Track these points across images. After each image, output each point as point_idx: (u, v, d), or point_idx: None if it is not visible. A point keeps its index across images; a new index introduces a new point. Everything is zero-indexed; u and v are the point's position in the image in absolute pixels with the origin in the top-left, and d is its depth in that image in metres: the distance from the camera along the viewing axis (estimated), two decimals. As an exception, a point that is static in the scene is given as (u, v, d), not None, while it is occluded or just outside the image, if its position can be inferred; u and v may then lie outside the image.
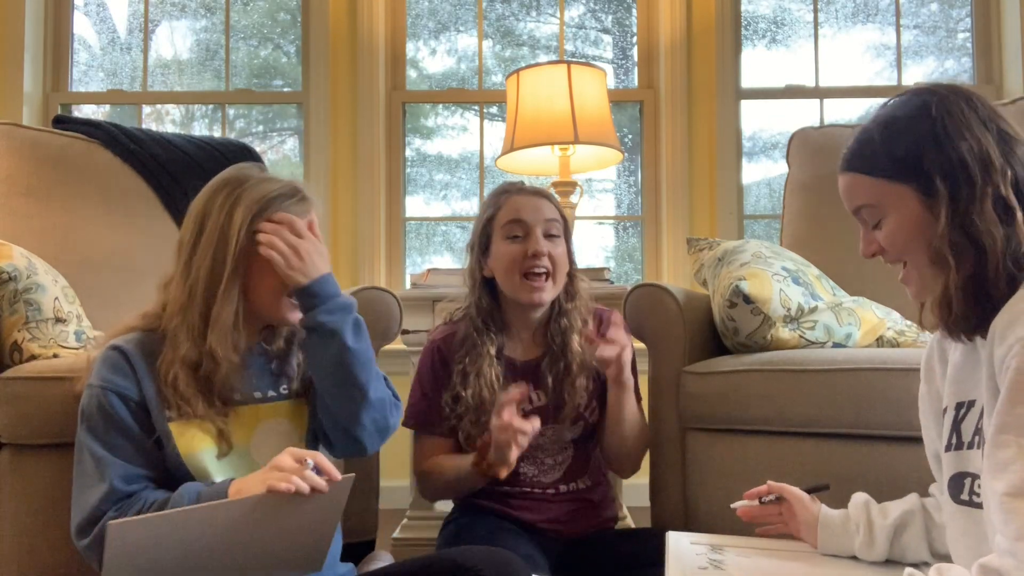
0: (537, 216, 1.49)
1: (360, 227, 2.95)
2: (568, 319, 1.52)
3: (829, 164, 2.29)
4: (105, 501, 1.10)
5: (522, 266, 1.47)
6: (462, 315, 1.56)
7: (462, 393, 1.47)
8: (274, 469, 1.04)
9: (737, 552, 1.16)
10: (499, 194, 1.54)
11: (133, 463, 1.13)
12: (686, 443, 1.65)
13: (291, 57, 3.18)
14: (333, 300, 1.18)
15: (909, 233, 0.97)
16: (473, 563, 1.13)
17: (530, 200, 1.51)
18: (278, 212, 1.18)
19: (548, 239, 1.49)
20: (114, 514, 1.09)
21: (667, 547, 1.15)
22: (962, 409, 0.98)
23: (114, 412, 1.13)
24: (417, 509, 2.02)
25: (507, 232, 1.49)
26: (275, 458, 1.06)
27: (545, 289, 1.48)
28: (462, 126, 3.23)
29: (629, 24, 3.19)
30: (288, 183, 1.23)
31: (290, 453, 1.06)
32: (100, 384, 1.14)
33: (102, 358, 1.17)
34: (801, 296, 1.64)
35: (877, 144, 0.99)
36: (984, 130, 0.95)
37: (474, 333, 1.50)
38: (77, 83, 3.11)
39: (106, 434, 1.13)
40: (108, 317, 1.29)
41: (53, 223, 1.93)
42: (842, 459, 1.45)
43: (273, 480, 1.01)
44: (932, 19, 3.15)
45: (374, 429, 1.23)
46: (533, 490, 1.51)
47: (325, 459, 1.06)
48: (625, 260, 3.17)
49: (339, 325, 1.17)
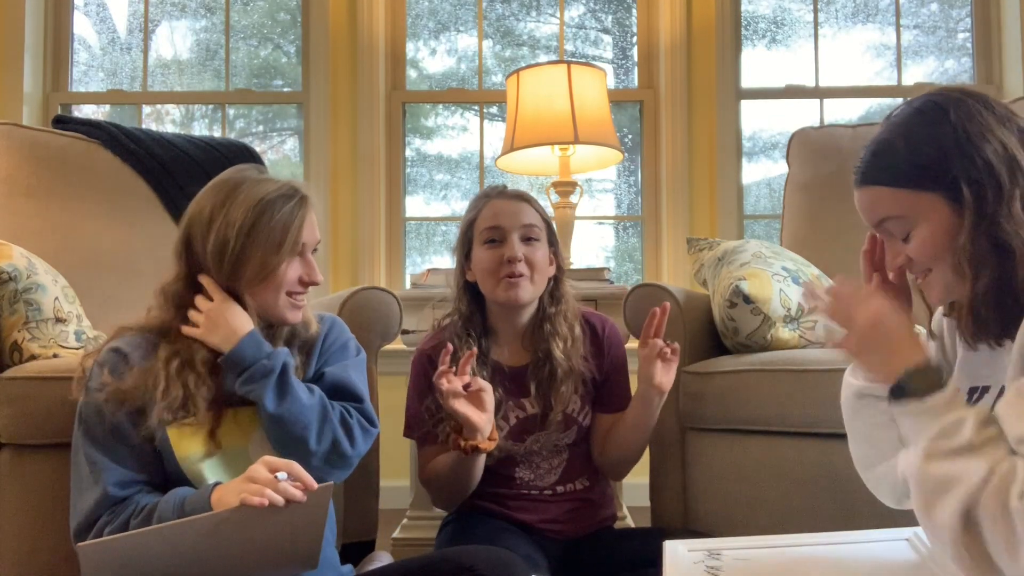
0: (514, 221, 1.48)
1: (360, 227, 2.95)
2: (552, 324, 1.51)
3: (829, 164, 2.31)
4: (99, 506, 1.11)
5: (499, 271, 1.46)
6: (448, 322, 1.55)
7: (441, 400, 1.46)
8: (247, 481, 1.03)
9: (735, 556, 1.15)
10: (479, 198, 1.54)
11: (128, 468, 1.13)
12: (686, 443, 1.65)
13: (291, 57, 3.18)
14: (251, 368, 1.14)
15: (940, 242, 0.94)
16: (473, 563, 1.13)
17: (509, 205, 1.50)
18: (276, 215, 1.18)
19: (526, 243, 1.48)
20: (107, 518, 1.10)
21: (664, 557, 1.15)
22: (975, 393, 0.97)
23: (111, 416, 1.13)
24: (417, 509, 2.02)
25: (485, 237, 1.49)
26: (249, 468, 1.05)
27: (522, 287, 1.46)
28: (462, 126, 3.23)
29: (629, 24, 3.19)
30: (285, 183, 1.22)
31: (264, 463, 1.04)
32: (98, 388, 1.14)
33: (100, 361, 1.17)
34: (801, 296, 1.65)
35: (900, 154, 0.96)
36: (1006, 131, 0.93)
37: (455, 339, 1.49)
38: (77, 83, 3.11)
39: (103, 439, 1.13)
40: (108, 317, 1.29)
41: (53, 223, 1.93)
42: (842, 459, 1.45)
43: (246, 494, 0.99)
44: (932, 19, 3.15)
45: (330, 467, 1.20)
46: (530, 492, 1.51)
47: (300, 468, 1.04)
48: (625, 260, 3.17)
49: (258, 394, 1.14)
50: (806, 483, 1.50)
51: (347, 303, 1.60)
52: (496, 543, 1.31)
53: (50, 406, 1.34)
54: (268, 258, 1.17)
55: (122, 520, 1.09)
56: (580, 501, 1.53)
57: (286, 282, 1.19)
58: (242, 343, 1.14)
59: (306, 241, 1.22)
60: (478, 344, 1.49)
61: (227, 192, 1.19)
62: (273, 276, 1.18)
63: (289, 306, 1.21)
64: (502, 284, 1.46)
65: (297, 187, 1.23)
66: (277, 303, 1.20)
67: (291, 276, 1.20)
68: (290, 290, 1.20)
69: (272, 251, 1.17)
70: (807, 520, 1.46)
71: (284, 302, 1.21)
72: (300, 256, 1.21)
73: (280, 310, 1.21)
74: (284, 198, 1.20)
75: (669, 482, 1.66)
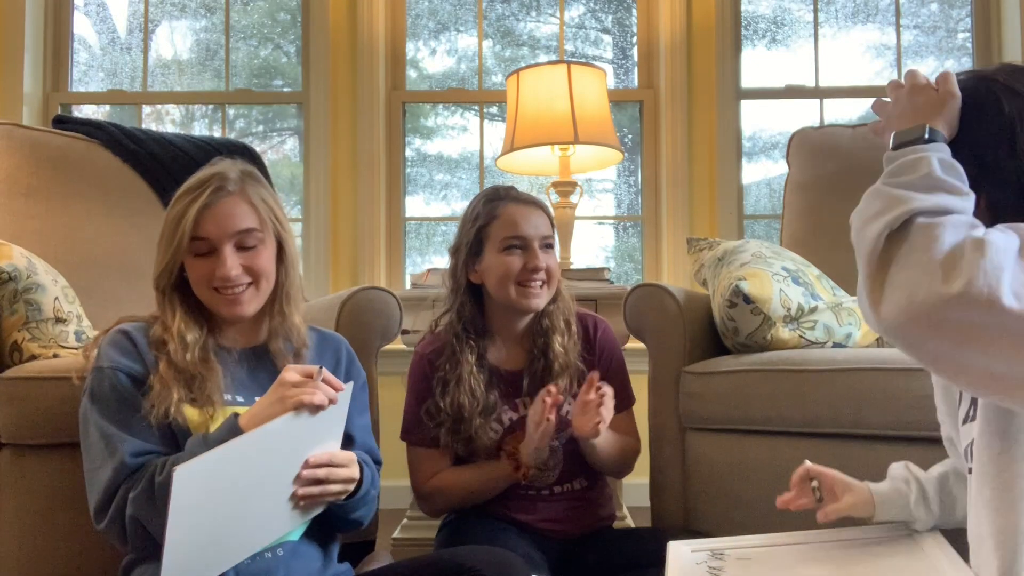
0: (537, 231, 1.49)
1: (360, 227, 2.95)
2: (550, 320, 1.52)
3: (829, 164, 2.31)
4: (117, 476, 1.08)
5: (519, 277, 1.47)
6: (446, 323, 1.55)
7: (440, 402, 1.47)
8: (283, 386, 1.04)
9: (738, 556, 1.16)
10: (492, 200, 1.52)
11: (144, 439, 1.11)
12: (686, 443, 1.65)
13: (291, 57, 3.18)
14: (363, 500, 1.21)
15: None
16: (473, 563, 1.13)
17: (528, 212, 1.50)
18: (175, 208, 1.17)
19: (543, 251, 1.50)
20: (128, 484, 1.08)
21: (668, 557, 1.15)
22: None
23: (124, 390, 1.13)
24: (417, 509, 2.01)
25: (506, 244, 1.48)
26: (281, 375, 1.06)
27: (541, 296, 1.49)
28: (462, 126, 3.23)
29: (629, 24, 3.19)
30: (209, 173, 1.19)
31: (294, 369, 1.06)
32: (110, 365, 1.14)
33: (109, 340, 1.17)
34: (801, 296, 1.64)
35: None
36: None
37: (453, 340, 1.49)
38: (77, 83, 3.11)
39: (118, 412, 1.12)
40: (108, 317, 1.29)
41: (53, 223, 1.93)
42: (842, 459, 1.45)
43: (303, 395, 1.02)
44: (932, 19, 3.15)
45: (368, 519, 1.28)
46: (529, 491, 1.51)
47: (325, 370, 1.07)
48: (625, 260, 3.17)
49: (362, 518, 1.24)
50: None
51: (347, 303, 1.59)
52: (496, 543, 1.31)
53: (50, 406, 1.34)
54: (167, 254, 1.17)
55: (146, 480, 1.06)
56: (579, 500, 1.53)
57: (201, 278, 1.17)
58: (363, 484, 1.17)
59: (207, 235, 1.16)
60: (476, 346, 1.50)
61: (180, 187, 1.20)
62: (186, 272, 1.18)
63: (221, 302, 1.18)
64: (519, 290, 1.47)
65: (204, 178, 1.18)
66: (208, 299, 1.19)
67: (203, 272, 1.17)
68: (214, 285, 1.17)
69: (168, 247, 1.17)
70: (807, 520, 1.46)
71: (212, 298, 1.18)
72: (216, 250, 1.16)
73: (214, 306, 1.19)
74: (189, 190, 1.18)
75: (669, 482, 1.66)
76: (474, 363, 1.48)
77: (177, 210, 1.17)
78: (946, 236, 0.78)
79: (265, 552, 1.13)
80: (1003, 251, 0.75)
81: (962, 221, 0.80)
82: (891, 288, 0.79)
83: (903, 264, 0.79)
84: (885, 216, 0.83)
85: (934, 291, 0.75)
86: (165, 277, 1.19)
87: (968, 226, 0.79)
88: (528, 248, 1.48)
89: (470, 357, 1.48)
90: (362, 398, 1.33)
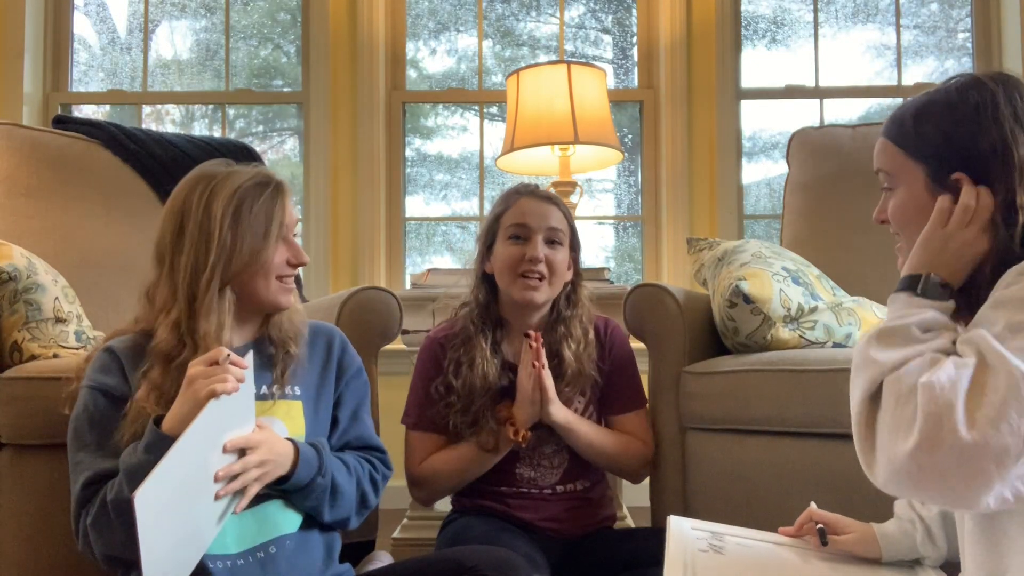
0: (541, 222, 1.49)
1: (360, 227, 2.95)
2: (566, 327, 1.52)
3: (829, 164, 2.31)
4: (78, 505, 1.12)
5: (518, 268, 1.48)
6: (464, 312, 1.56)
7: (453, 382, 1.47)
8: (193, 380, 1.05)
9: (739, 540, 1.16)
10: (510, 194, 1.55)
11: (112, 456, 1.11)
12: (686, 443, 1.65)
13: (291, 57, 3.18)
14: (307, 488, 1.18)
15: (909, 213, 0.97)
16: (474, 563, 1.13)
17: (538, 205, 1.51)
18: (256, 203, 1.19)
19: (548, 245, 1.49)
20: (86, 510, 1.10)
21: (668, 530, 1.15)
22: None
23: (96, 410, 1.14)
24: (417, 509, 2.02)
25: (510, 233, 1.50)
26: (188, 371, 1.07)
27: (539, 290, 1.48)
28: (462, 126, 3.23)
29: (629, 24, 3.19)
30: (256, 172, 1.23)
31: (198, 361, 1.07)
32: (88, 384, 1.17)
33: (94, 360, 1.19)
34: (801, 296, 1.64)
35: (909, 116, 0.98)
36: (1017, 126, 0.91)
37: (470, 325, 1.51)
38: (77, 83, 3.11)
39: (88, 434, 1.14)
40: (108, 317, 1.29)
41: (53, 223, 1.93)
42: (842, 459, 1.45)
43: (214, 384, 1.02)
44: (932, 19, 3.15)
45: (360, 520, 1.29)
46: (531, 490, 1.51)
47: (226, 350, 1.07)
48: (625, 260, 3.17)
49: (318, 509, 1.21)
50: (806, 483, 1.49)
51: (347, 303, 1.59)
52: (497, 543, 1.31)
53: (50, 406, 1.34)
54: (257, 247, 1.18)
55: (98, 505, 1.08)
56: (580, 501, 1.53)
57: (275, 267, 1.21)
58: (298, 470, 1.16)
59: (288, 224, 1.23)
60: (492, 335, 1.50)
61: (202, 188, 1.19)
62: (265, 263, 1.19)
63: (281, 290, 1.23)
64: (519, 282, 1.48)
65: (269, 174, 1.24)
66: (269, 289, 1.22)
67: (279, 260, 1.22)
68: (279, 274, 1.22)
69: (259, 239, 1.19)
70: (807, 520, 1.46)
71: (275, 287, 1.22)
72: (284, 240, 1.23)
73: (273, 295, 1.22)
74: (260, 186, 1.21)
75: (669, 482, 1.66)
76: (488, 348, 1.49)
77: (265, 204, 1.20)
78: (901, 390, 0.81)
79: (268, 547, 1.15)
80: (949, 387, 0.77)
81: (914, 368, 0.81)
82: (877, 452, 0.83)
83: (879, 427, 0.83)
84: (863, 384, 0.85)
85: (900, 449, 0.78)
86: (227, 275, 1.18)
87: (918, 372, 0.81)
88: (530, 239, 1.48)
89: (484, 343, 1.49)
90: (356, 386, 1.34)
